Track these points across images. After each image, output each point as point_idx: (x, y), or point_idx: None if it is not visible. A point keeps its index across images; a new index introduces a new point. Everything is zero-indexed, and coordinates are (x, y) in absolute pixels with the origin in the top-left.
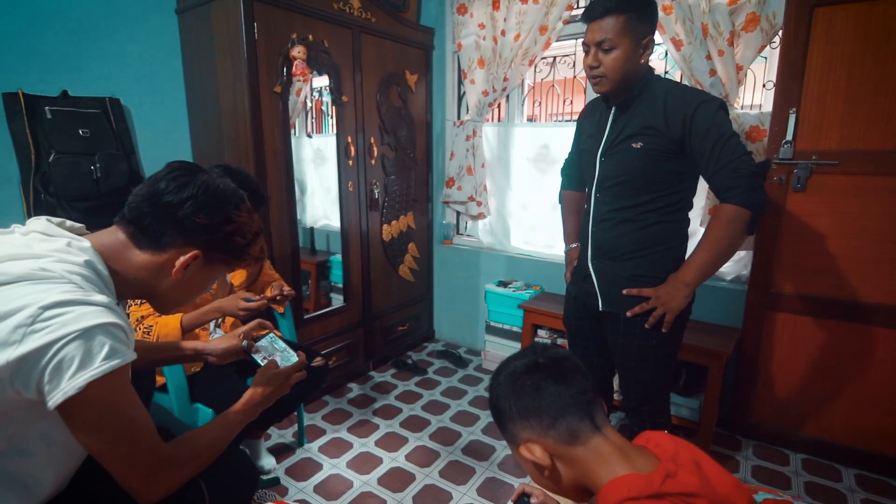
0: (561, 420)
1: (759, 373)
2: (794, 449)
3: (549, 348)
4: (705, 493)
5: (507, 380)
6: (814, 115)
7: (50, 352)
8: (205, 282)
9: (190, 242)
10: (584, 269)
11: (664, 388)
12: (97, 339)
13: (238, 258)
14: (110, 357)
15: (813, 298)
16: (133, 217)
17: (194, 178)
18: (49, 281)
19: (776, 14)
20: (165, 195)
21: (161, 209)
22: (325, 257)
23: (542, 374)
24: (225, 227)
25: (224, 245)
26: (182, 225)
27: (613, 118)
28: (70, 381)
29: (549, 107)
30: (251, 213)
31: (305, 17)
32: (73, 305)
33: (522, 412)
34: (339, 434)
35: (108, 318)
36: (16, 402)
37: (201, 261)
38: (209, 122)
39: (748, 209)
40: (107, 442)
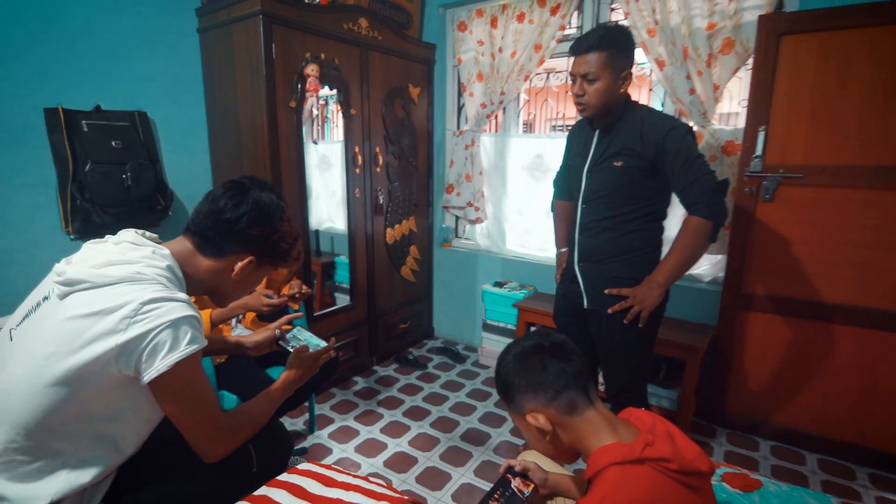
0: (563, 393)
1: (732, 367)
2: (764, 436)
3: (552, 333)
4: (676, 458)
5: (515, 358)
6: (781, 132)
7: (148, 337)
8: (256, 280)
9: (246, 250)
10: (572, 271)
11: (642, 377)
12: (183, 328)
13: (282, 259)
14: (192, 342)
15: (781, 298)
16: (198, 230)
17: (247, 197)
18: (144, 282)
19: (749, 39)
20: (225, 212)
21: (222, 224)
22: (330, 258)
23: (547, 354)
24: (273, 235)
25: (272, 250)
26: (239, 236)
27: (598, 139)
28: (163, 360)
29: (543, 114)
30: (290, 222)
31: (318, 38)
32: (164, 301)
33: (530, 386)
34: (346, 422)
35: (190, 312)
36: (116, 377)
37: (255, 264)
38: (228, 133)
39: (711, 220)
40: (186, 409)
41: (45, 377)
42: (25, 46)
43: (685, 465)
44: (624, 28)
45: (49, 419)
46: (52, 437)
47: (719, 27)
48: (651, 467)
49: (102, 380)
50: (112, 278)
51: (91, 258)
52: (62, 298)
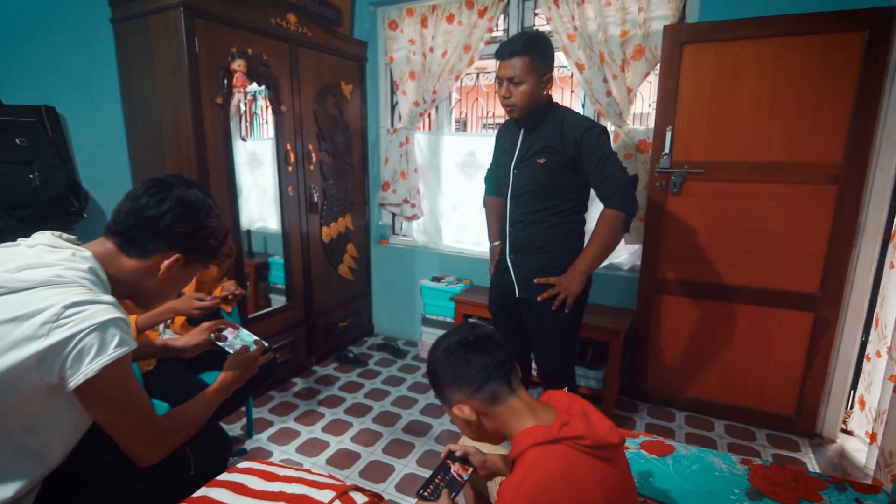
0: (485, 385)
1: (650, 346)
2: (679, 408)
3: (477, 327)
4: (589, 435)
5: (442, 354)
6: (685, 132)
7: (72, 342)
8: (185, 279)
9: (171, 248)
10: (504, 263)
11: (570, 359)
12: (110, 331)
13: (212, 256)
14: (121, 345)
15: (689, 282)
16: (119, 230)
17: (170, 193)
18: (65, 285)
19: (657, 46)
20: (147, 210)
21: (144, 222)
22: (263, 259)
23: (471, 349)
24: (200, 232)
25: (200, 247)
26: (163, 234)
27: (523, 138)
28: (89, 364)
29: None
30: (219, 218)
31: (245, 32)
32: (88, 304)
33: (455, 380)
34: (286, 424)
35: (116, 314)
36: (38, 385)
37: (182, 262)
38: (148, 131)
39: (623, 212)
40: (116, 414)
41: None
42: None
43: (598, 440)
44: (544, 35)
45: None
46: None
47: (631, 35)
48: (567, 445)
49: (23, 389)
50: (30, 282)
51: (4, 262)
52: None
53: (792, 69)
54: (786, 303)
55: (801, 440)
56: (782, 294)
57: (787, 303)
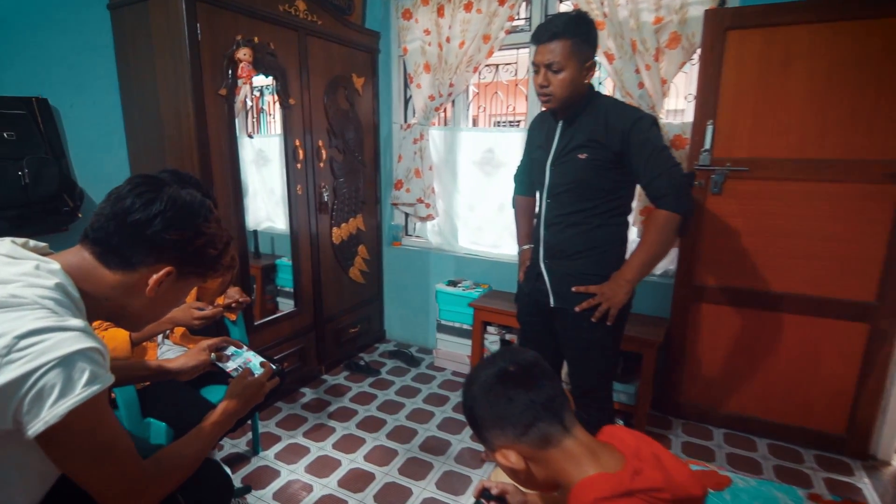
0: (533, 427)
1: (685, 358)
2: (716, 424)
3: (518, 353)
4: (668, 487)
5: (480, 390)
6: (727, 126)
7: (29, 381)
8: (179, 296)
9: (162, 259)
10: (537, 268)
11: (609, 377)
12: (77, 366)
13: (211, 269)
14: (90, 383)
15: (729, 289)
16: (98, 237)
17: (160, 193)
18: (21, 308)
19: (695, 34)
20: (132, 213)
21: (129, 228)
22: (270, 261)
23: (513, 383)
24: (196, 240)
25: (197, 258)
26: (152, 242)
27: (561, 131)
28: (51, 409)
29: (493, 110)
30: (220, 223)
31: (250, 19)
32: (49, 332)
33: (496, 421)
34: (294, 439)
35: (86, 343)
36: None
37: (175, 276)
38: (148, 124)
39: (679, 214)
40: (88, 465)
41: None
42: None
43: (679, 493)
44: (587, 15)
45: None
46: None
47: (666, 21)
48: (642, 500)
49: None
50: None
51: None
52: None
53: (848, 57)
54: (837, 312)
55: (854, 462)
56: (834, 303)
57: (838, 312)
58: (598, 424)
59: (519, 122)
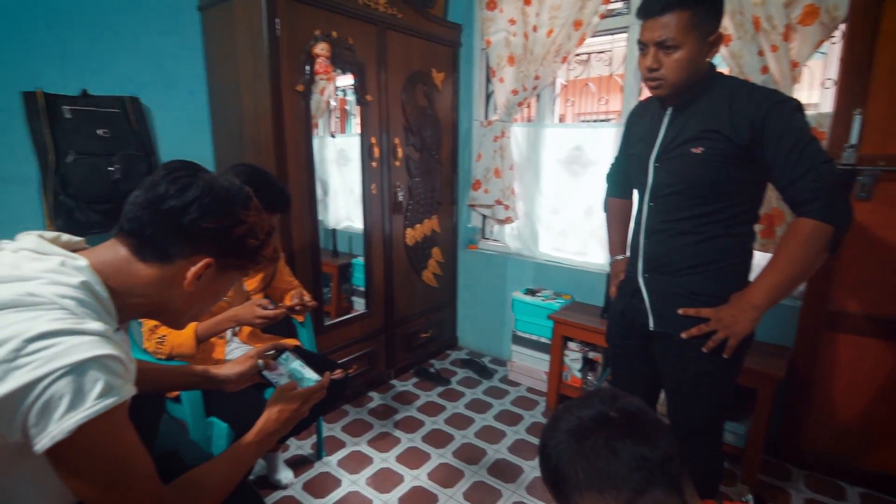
0: (644, 494)
1: (813, 397)
2: (851, 481)
3: (619, 397)
4: None
5: (570, 437)
6: (882, 116)
7: (36, 390)
8: (219, 290)
9: (200, 250)
10: (634, 283)
11: (720, 417)
12: (90, 375)
13: (252, 261)
14: (105, 395)
15: (878, 318)
16: (133, 228)
17: (196, 178)
18: (36, 308)
19: (837, 6)
20: (167, 200)
21: (163, 216)
22: (347, 260)
23: (618, 433)
24: (235, 229)
25: (236, 249)
26: (189, 232)
27: (669, 120)
28: (59, 423)
29: (582, 105)
30: (261, 212)
31: (329, 13)
32: (62, 336)
33: (594, 481)
34: (358, 447)
35: (102, 350)
36: (0, 445)
37: (214, 269)
38: (230, 121)
39: (830, 225)
40: (98, 488)
41: None
42: (2, 22)
43: None
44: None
45: None
46: None
47: None
48: None
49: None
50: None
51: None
52: None
53: None
54: None
55: None
56: None
57: None
58: (703, 472)
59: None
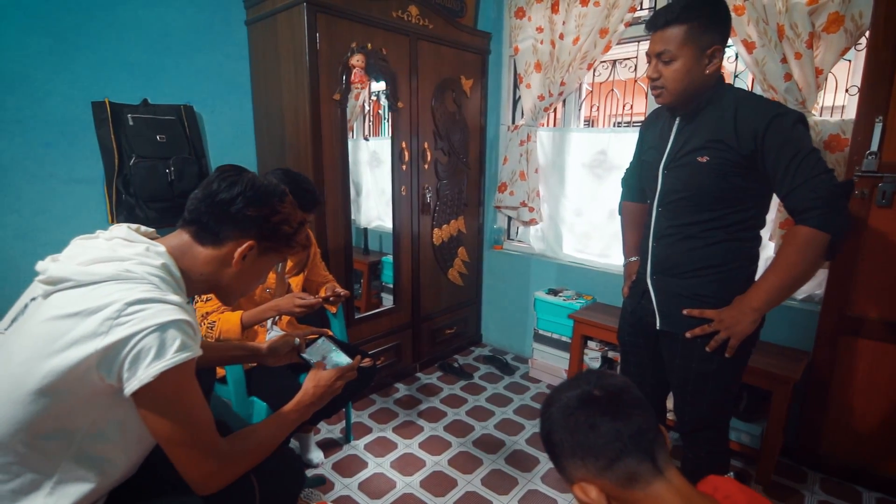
0: (618, 461)
1: (831, 401)
2: (867, 486)
3: (605, 377)
4: None
5: (559, 413)
6: None
7: (132, 342)
8: (261, 271)
9: (245, 234)
10: (643, 284)
11: (723, 414)
12: (170, 333)
13: (287, 245)
14: (181, 350)
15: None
16: (193, 218)
17: (241, 177)
18: (132, 281)
19: (863, 14)
20: (219, 194)
21: (217, 207)
22: (378, 258)
23: (598, 409)
24: (272, 217)
25: (274, 234)
26: (236, 219)
27: (678, 129)
28: (147, 369)
29: (608, 109)
30: (294, 206)
31: (365, 26)
32: (152, 303)
33: (576, 450)
34: (384, 433)
35: (180, 316)
36: (100, 387)
37: (256, 251)
38: (273, 127)
39: (827, 233)
40: (172, 428)
41: (22, 386)
42: (74, 40)
43: None
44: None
45: (26, 434)
46: (29, 454)
47: (824, 1)
48: None
49: (84, 390)
50: (98, 276)
51: (79, 255)
52: (45, 298)
53: None
54: None
55: None
56: None
57: None
58: (708, 466)
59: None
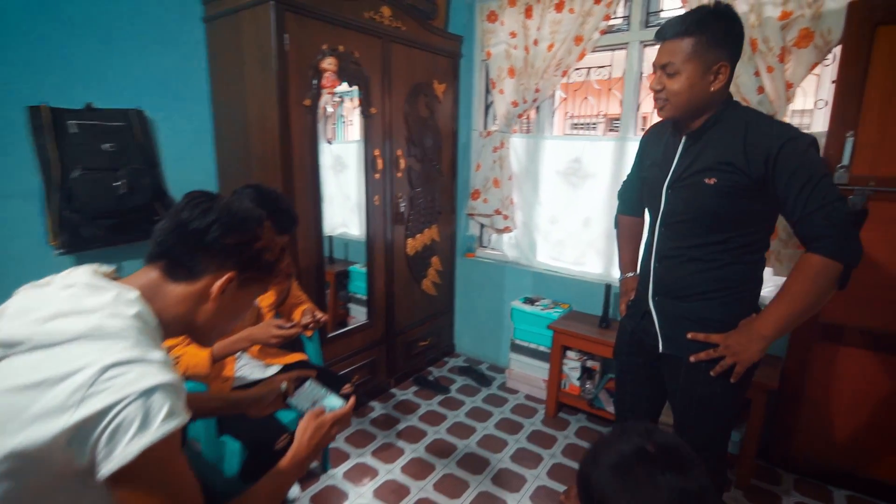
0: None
1: (803, 405)
2: (837, 485)
3: (655, 432)
4: None
5: (613, 473)
6: (873, 138)
7: (111, 414)
8: (242, 305)
9: (223, 265)
10: (644, 305)
11: (724, 437)
12: (156, 399)
13: (269, 274)
14: (169, 418)
15: (867, 331)
16: (162, 251)
17: (214, 203)
18: (107, 338)
19: (831, 30)
20: (191, 223)
21: (189, 237)
22: (344, 267)
23: (658, 466)
24: (253, 244)
25: (255, 263)
26: (211, 249)
27: (684, 148)
28: (128, 445)
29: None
30: (273, 231)
31: (336, 28)
32: (133, 364)
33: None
34: (363, 459)
35: (166, 377)
36: (65, 472)
37: (236, 283)
38: (236, 135)
39: (840, 262)
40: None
41: None
42: (7, 37)
43: None
44: (729, 9)
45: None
46: None
47: (795, 16)
48: None
49: (50, 474)
50: (62, 335)
51: (33, 309)
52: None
53: None
54: None
55: None
56: None
57: None
58: None
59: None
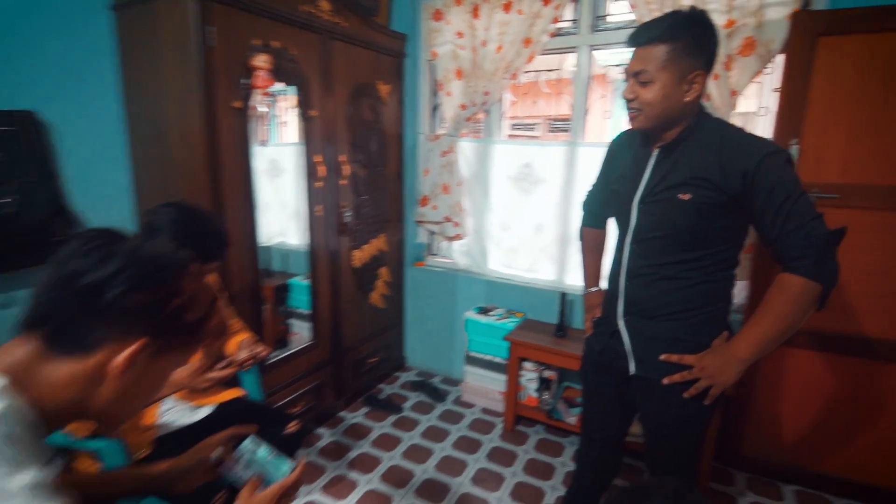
0: None
1: (752, 405)
2: (785, 480)
3: (683, 494)
4: None
5: None
6: (815, 147)
7: None
8: (156, 381)
9: (129, 332)
10: (612, 325)
11: (697, 456)
12: None
13: (194, 337)
14: None
15: (809, 331)
16: (43, 315)
17: (117, 246)
18: None
19: (774, 40)
20: (84, 276)
21: (79, 296)
22: (283, 280)
23: None
24: (171, 301)
25: (174, 325)
26: (112, 311)
27: (656, 162)
28: None
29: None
30: (199, 277)
31: (269, 21)
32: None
33: None
34: (312, 497)
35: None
36: None
37: (148, 353)
38: (153, 141)
39: (819, 283)
40: None
41: None
42: None
43: None
44: (704, 16)
45: None
46: None
47: (739, 25)
48: None
49: None
50: None
51: None
52: None
53: None
54: None
55: None
56: None
57: None
58: None
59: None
